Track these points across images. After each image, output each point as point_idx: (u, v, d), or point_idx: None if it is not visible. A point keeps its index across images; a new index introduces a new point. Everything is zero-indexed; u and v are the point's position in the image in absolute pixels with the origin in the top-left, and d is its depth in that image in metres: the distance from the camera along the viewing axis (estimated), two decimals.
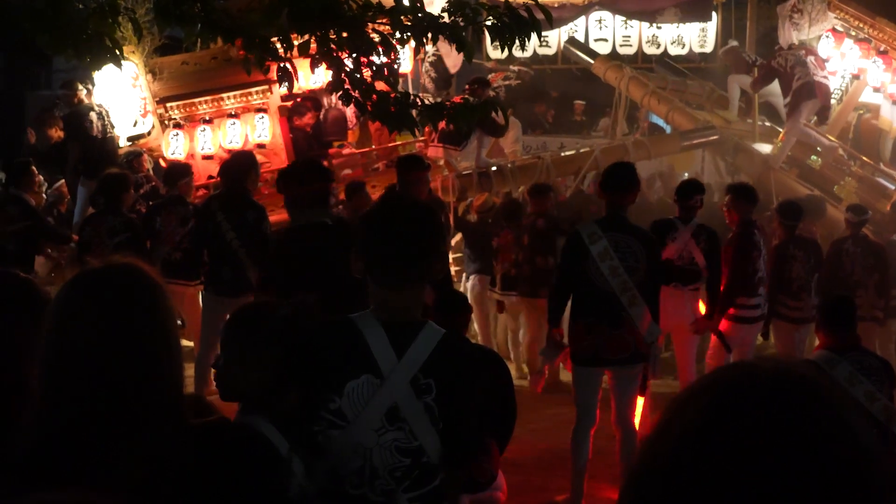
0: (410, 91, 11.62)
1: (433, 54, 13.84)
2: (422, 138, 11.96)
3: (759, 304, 7.63)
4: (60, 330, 1.92)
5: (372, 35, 5.15)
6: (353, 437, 2.60)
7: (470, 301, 7.45)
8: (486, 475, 4.64)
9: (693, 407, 1.06)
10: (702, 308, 7.65)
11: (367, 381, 2.61)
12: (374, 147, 11.82)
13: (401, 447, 2.61)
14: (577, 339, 5.99)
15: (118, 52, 5.24)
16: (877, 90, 11.84)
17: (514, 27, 4.96)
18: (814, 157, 12.04)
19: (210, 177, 9.99)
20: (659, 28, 16.28)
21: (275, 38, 5.05)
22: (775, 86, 12.46)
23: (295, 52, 5.16)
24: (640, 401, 6.22)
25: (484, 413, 2.74)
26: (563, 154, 12.70)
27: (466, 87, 12.36)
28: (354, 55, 5.13)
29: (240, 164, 7.92)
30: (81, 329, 1.90)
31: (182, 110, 10.70)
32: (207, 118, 10.74)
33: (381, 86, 5.47)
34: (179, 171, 9.22)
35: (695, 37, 16.31)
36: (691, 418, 1.04)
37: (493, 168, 11.70)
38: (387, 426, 2.60)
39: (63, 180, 11.45)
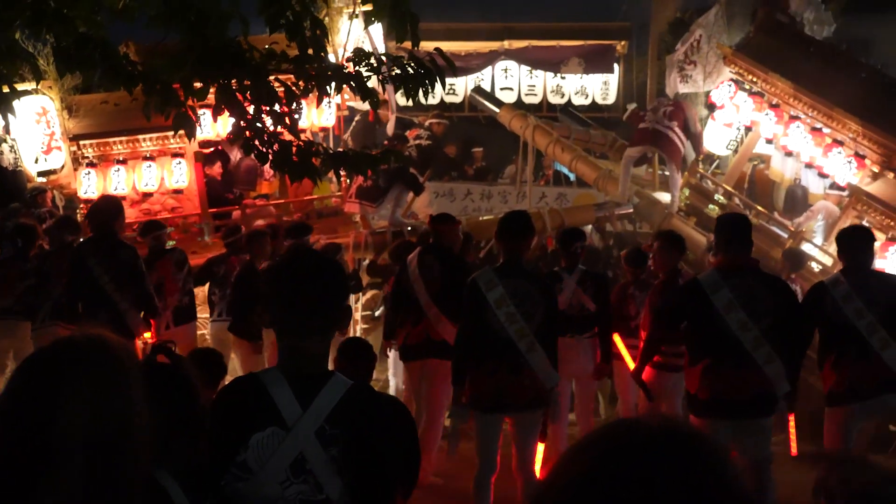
0: (332, 146, 11.69)
1: (358, 115, 14.06)
2: (338, 193, 12.00)
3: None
4: (42, 404, 1.88)
5: (275, 84, 5.16)
6: (258, 489, 2.58)
7: None
8: None
9: (580, 459, 1.10)
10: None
11: (272, 433, 2.61)
12: (289, 199, 11.82)
13: (305, 500, 2.60)
14: (478, 385, 5.99)
15: (10, 94, 5.14)
16: (769, 141, 12.26)
17: (418, 77, 5.02)
18: (711, 207, 12.39)
19: None
20: (563, 78, 16.72)
21: (176, 84, 5.03)
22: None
23: (193, 100, 5.13)
24: (541, 447, 6.25)
25: (391, 462, 2.74)
26: (481, 218, 12.80)
27: (385, 142, 12.52)
28: (256, 104, 5.13)
29: (108, 209, 7.94)
30: (69, 404, 1.87)
31: (96, 149, 10.58)
32: (121, 159, 10.61)
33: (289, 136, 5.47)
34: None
35: (598, 88, 16.77)
36: (578, 470, 1.08)
37: (409, 228, 11.73)
38: (292, 479, 2.59)
39: None
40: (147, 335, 7.86)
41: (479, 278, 6.03)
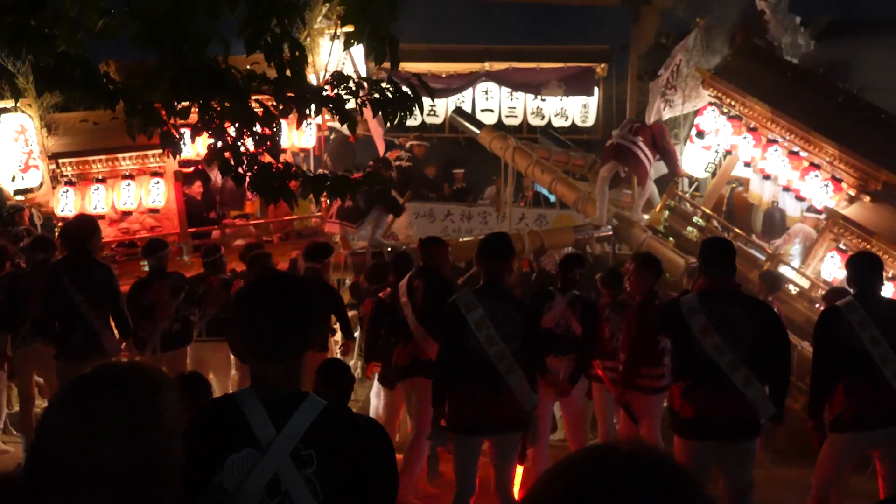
0: (311, 167, 11.70)
1: (336, 133, 14.04)
2: (318, 213, 11.99)
3: (663, 375, 7.40)
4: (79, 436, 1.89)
5: (254, 105, 5.16)
6: None
7: None
8: None
9: (558, 483, 1.11)
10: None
11: (247, 455, 2.61)
12: (269, 219, 11.80)
13: None
14: (458, 407, 5.98)
15: None
16: (747, 164, 12.35)
17: (397, 101, 5.04)
18: (690, 228, 12.46)
19: None
20: (543, 100, 16.83)
21: (158, 104, 5.02)
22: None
23: (176, 119, 5.13)
24: (520, 469, 6.25)
25: (367, 483, 2.74)
26: (461, 240, 12.82)
27: (371, 163, 12.51)
28: (236, 125, 5.13)
29: (83, 227, 7.97)
30: (104, 437, 1.88)
31: (75, 167, 10.56)
32: (101, 177, 10.59)
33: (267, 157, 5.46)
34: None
35: (577, 110, 16.89)
36: (555, 493, 1.10)
37: (389, 249, 11.74)
38: (267, 500, 2.59)
39: None
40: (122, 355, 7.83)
41: (459, 300, 6.03)
